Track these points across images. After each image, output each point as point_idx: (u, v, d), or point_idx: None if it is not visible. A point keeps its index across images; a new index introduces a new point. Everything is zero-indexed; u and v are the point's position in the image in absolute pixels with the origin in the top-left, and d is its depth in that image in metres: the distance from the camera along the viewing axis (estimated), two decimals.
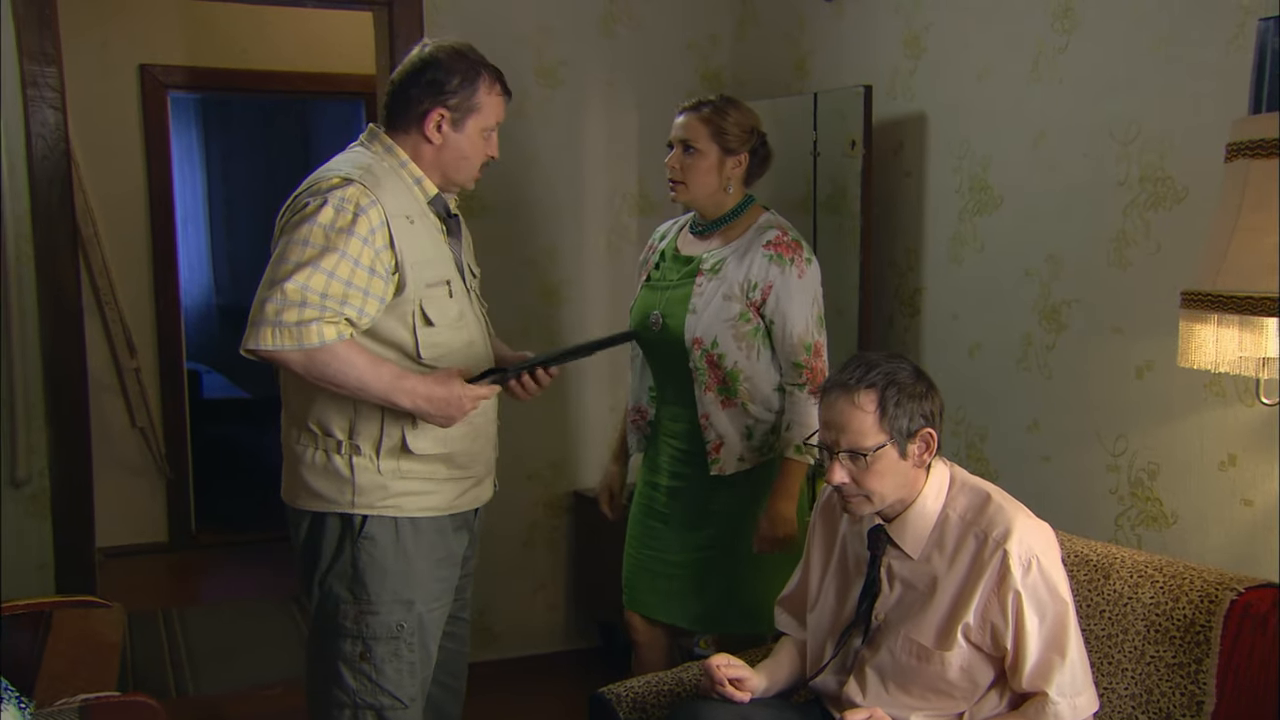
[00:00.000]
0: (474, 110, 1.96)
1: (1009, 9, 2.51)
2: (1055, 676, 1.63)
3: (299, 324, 1.78)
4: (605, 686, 2.03)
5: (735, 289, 2.25)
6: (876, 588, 1.74)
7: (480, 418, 2.02)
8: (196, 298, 6.56)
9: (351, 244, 1.82)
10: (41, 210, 2.86)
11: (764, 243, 2.26)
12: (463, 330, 2.00)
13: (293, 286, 1.79)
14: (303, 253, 1.81)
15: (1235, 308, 1.62)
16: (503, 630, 3.44)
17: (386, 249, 1.87)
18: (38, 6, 2.80)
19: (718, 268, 2.29)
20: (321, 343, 1.80)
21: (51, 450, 2.93)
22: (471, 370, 1.97)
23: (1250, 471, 2.00)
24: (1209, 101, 2.04)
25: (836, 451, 1.67)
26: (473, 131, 1.98)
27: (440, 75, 1.94)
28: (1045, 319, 2.45)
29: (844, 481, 1.67)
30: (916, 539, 1.71)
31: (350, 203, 1.84)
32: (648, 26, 3.43)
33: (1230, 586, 1.70)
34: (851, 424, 1.65)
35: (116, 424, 4.57)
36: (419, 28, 3.14)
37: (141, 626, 3.86)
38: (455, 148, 1.97)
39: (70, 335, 2.94)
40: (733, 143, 2.27)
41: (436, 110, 1.94)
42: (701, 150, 2.27)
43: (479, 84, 1.96)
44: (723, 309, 2.25)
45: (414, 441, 1.93)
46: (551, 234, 3.41)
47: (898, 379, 1.67)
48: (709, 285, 2.28)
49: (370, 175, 1.90)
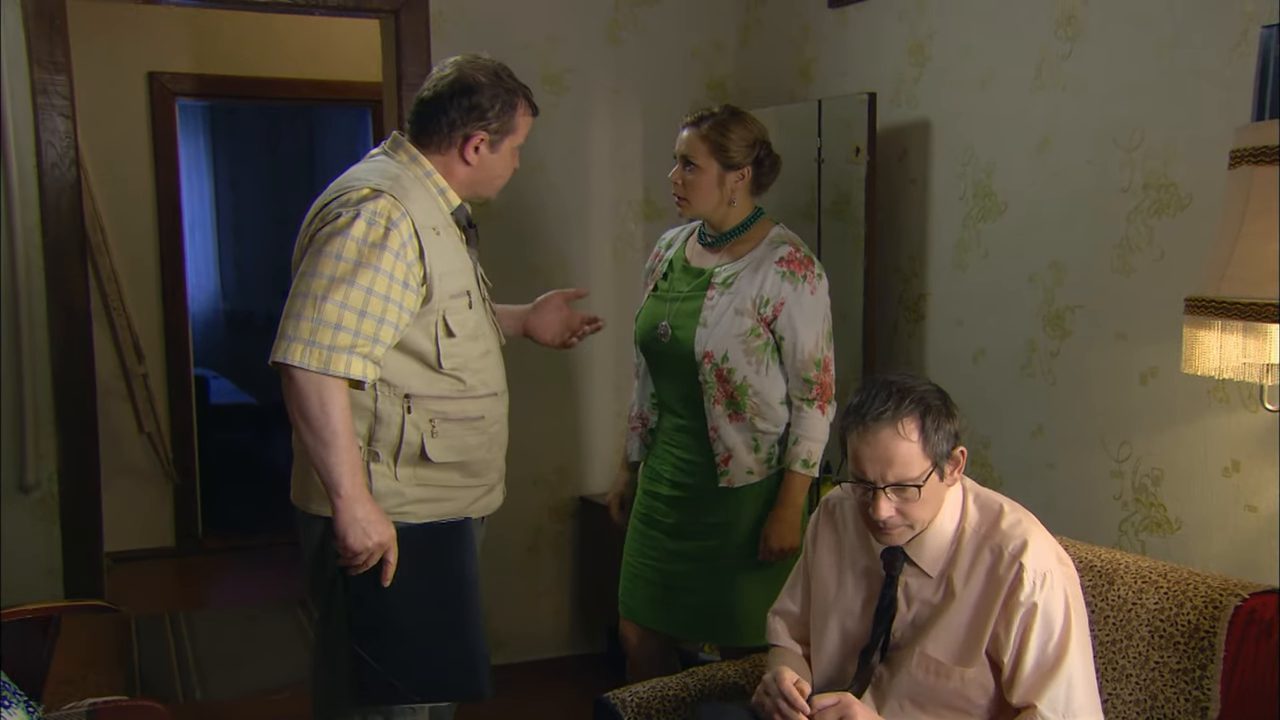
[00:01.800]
0: (510, 132, 2.00)
1: (1012, 17, 2.52)
2: (1049, 692, 1.58)
3: (331, 348, 1.79)
4: (610, 691, 2.04)
5: (748, 304, 2.26)
6: (894, 609, 1.71)
7: (495, 426, 2.05)
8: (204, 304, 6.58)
9: (385, 259, 1.83)
10: (51, 217, 2.88)
11: (777, 259, 2.27)
12: (480, 341, 2.02)
13: (331, 307, 1.79)
14: (336, 267, 1.81)
15: (1239, 314, 1.62)
16: (508, 635, 3.45)
17: (418, 261, 1.88)
18: (48, 15, 2.82)
19: (730, 281, 2.29)
20: (346, 374, 1.80)
21: (60, 456, 2.95)
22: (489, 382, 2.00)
23: (1254, 477, 2.00)
24: (1212, 108, 2.05)
25: (882, 486, 1.61)
26: (506, 151, 2.02)
27: (482, 101, 1.96)
28: (1049, 325, 2.45)
29: (891, 516, 1.62)
30: (935, 557, 1.68)
31: (382, 216, 1.84)
32: (653, 34, 3.44)
33: (1234, 592, 1.70)
34: (899, 456, 1.59)
35: (124, 430, 4.60)
36: (425, 36, 3.16)
37: (149, 631, 3.87)
38: (490, 168, 2.01)
39: (79, 341, 2.96)
40: (734, 158, 2.27)
41: (478, 134, 1.97)
42: (701, 166, 2.27)
43: (516, 107, 1.99)
44: (734, 323, 2.26)
45: (432, 449, 1.94)
46: (557, 241, 3.42)
47: (929, 402, 1.63)
48: (721, 299, 2.28)
49: (399, 186, 1.90)
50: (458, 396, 1.98)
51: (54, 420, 2.94)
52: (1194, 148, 2.09)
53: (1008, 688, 1.63)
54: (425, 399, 1.95)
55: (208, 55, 4.67)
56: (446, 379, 1.95)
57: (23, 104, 2.82)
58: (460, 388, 1.97)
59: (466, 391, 1.98)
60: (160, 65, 4.59)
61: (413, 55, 3.16)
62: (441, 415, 1.96)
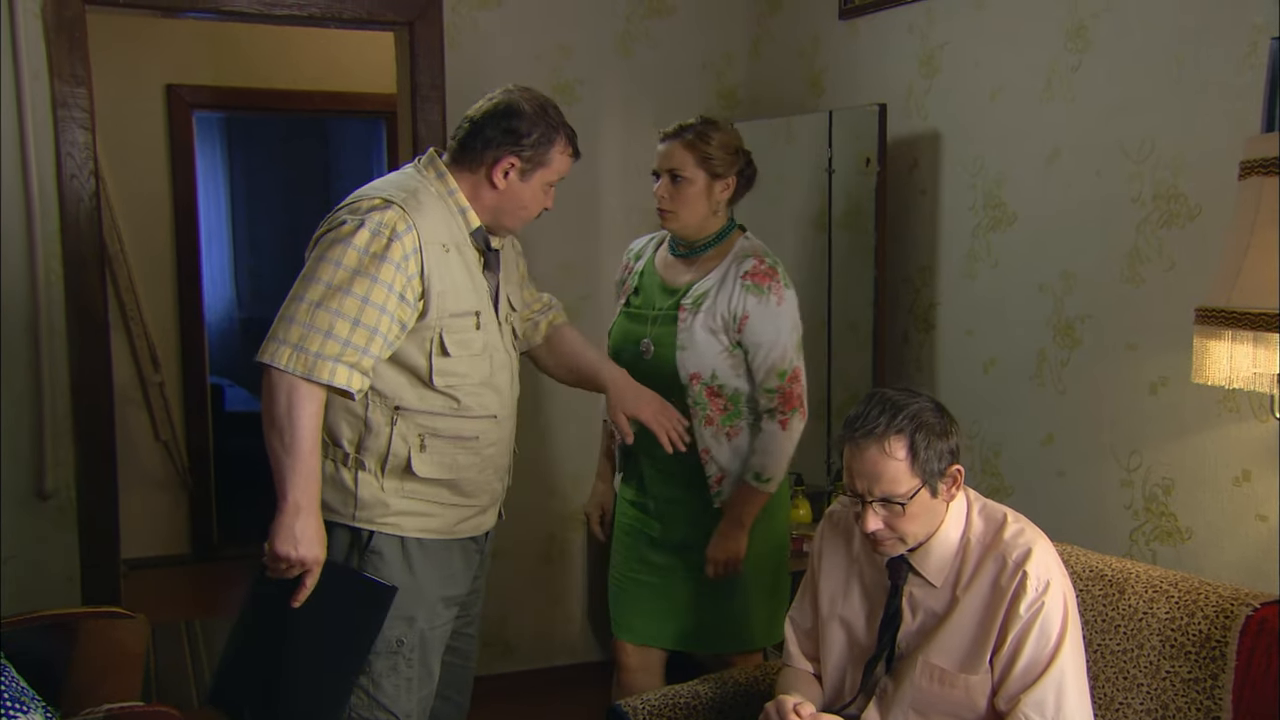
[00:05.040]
0: (544, 164, 1.97)
1: (1022, 29, 2.53)
2: (1035, 693, 1.58)
3: (318, 355, 1.79)
4: (622, 699, 2.05)
5: (719, 322, 2.22)
6: (899, 619, 1.72)
7: (491, 449, 2.02)
8: (219, 313, 6.63)
9: (384, 270, 1.83)
10: (70, 227, 2.91)
11: (742, 273, 2.22)
12: (484, 363, 1.99)
13: (324, 314, 1.79)
14: (335, 274, 1.82)
15: (1249, 324, 1.62)
16: (520, 643, 3.46)
17: (417, 276, 1.87)
18: (68, 29, 2.86)
19: (700, 301, 2.24)
20: (330, 382, 1.79)
21: (78, 464, 2.98)
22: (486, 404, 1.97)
23: (1265, 487, 2.00)
24: (1222, 120, 2.05)
25: (869, 500, 1.64)
26: (537, 184, 1.99)
27: (521, 125, 1.94)
28: (1059, 335, 2.45)
29: (878, 529, 1.65)
30: (939, 567, 1.69)
31: (386, 227, 1.84)
32: (664, 46, 3.47)
33: (1245, 602, 1.70)
34: (885, 473, 1.62)
35: (141, 438, 4.63)
36: (439, 48, 3.20)
37: (165, 637, 3.90)
38: (516, 196, 1.98)
39: (97, 350, 2.99)
40: (719, 167, 2.24)
41: (509, 158, 1.95)
42: (689, 178, 2.23)
43: (555, 142, 1.97)
44: (711, 343, 2.23)
45: (419, 464, 1.93)
46: (567, 250, 3.44)
47: (924, 420, 1.64)
48: (694, 320, 2.24)
49: (413, 199, 1.90)
50: (450, 414, 1.96)
51: (72, 428, 2.97)
52: (1203, 159, 2.10)
53: (996, 690, 1.63)
54: (415, 413, 1.94)
55: (225, 68, 4.72)
56: (439, 396, 1.94)
57: (43, 116, 2.86)
58: (454, 406, 1.95)
59: (461, 411, 1.96)
60: (178, 78, 4.64)
61: (426, 67, 3.19)
62: (431, 431, 1.95)
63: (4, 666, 1.97)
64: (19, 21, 2.80)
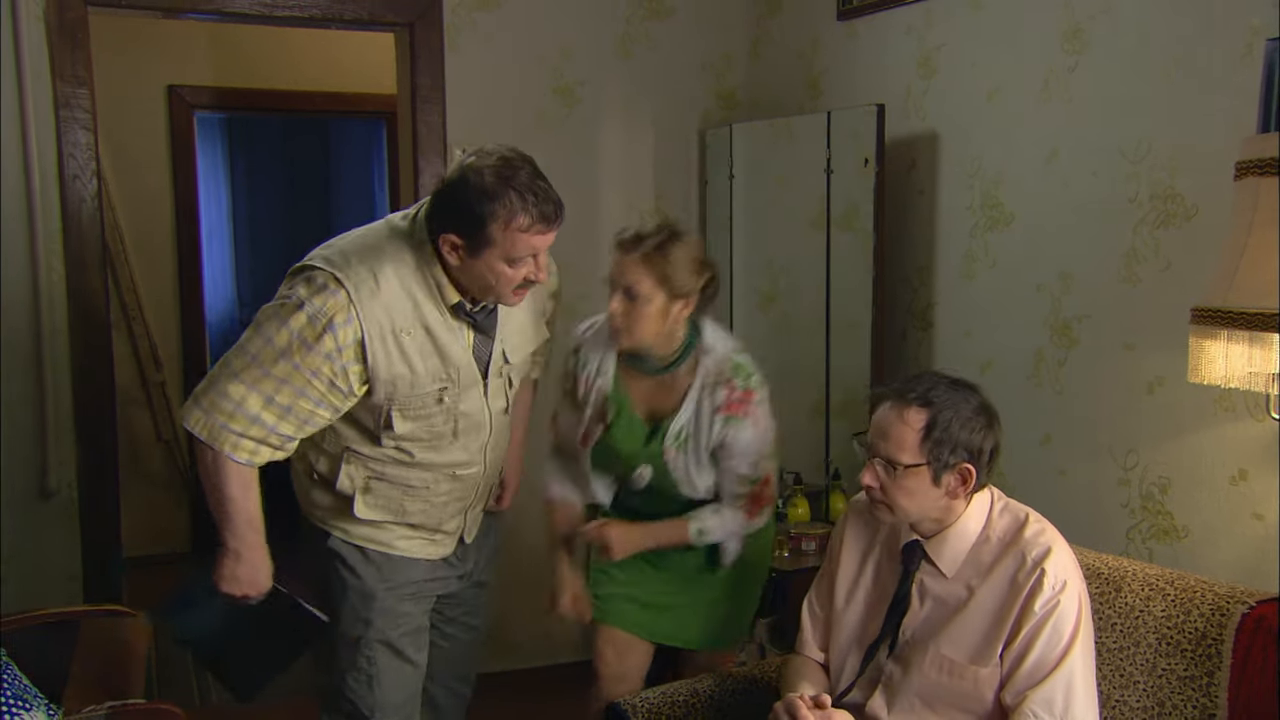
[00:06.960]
0: (489, 244, 1.77)
1: (1020, 30, 2.54)
2: (1043, 690, 1.59)
3: (224, 426, 1.78)
4: (621, 697, 2.06)
5: (704, 455, 2.12)
6: (906, 604, 1.74)
7: (443, 497, 2.00)
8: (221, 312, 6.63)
9: (310, 359, 1.76)
10: (72, 227, 2.92)
11: (715, 407, 2.07)
12: (445, 426, 1.92)
13: (238, 386, 1.76)
14: (262, 349, 1.77)
15: (1245, 324, 1.64)
16: (523, 640, 3.47)
17: (356, 363, 1.80)
18: (71, 30, 2.87)
19: (682, 440, 2.11)
20: (230, 455, 1.80)
21: (80, 463, 2.99)
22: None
23: (1260, 486, 2.01)
24: (1218, 120, 2.06)
25: (874, 455, 1.69)
26: (493, 260, 1.79)
27: (460, 203, 1.75)
28: (1057, 335, 2.46)
29: (872, 485, 1.69)
30: (954, 558, 1.71)
31: (324, 316, 1.76)
32: (664, 47, 3.48)
33: (1241, 600, 1.71)
34: (892, 434, 1.66)
35: (143, 437, 4.65)
36: (440, 49, 3.21)
37: (166, 635, 3.90)
38: (471, 273, 1.82)
39: (99, 350, 3.00)
40: (680, 286, 2.00)
41: (450, 235, 1.79)
42: (645, 295, 1.99)
43: (497, 219, 1.74)
44: (704, 471, 2.13)
45: (359, 506, 1.96)
46: (567, 251, 3.41)
47: (957, 410, 1.65)
48: (680, 459, 2.12)
49: (370, 281, 1.79)
50: (400, 464, 1.94)
51: (74, 428, 2.98)
52: (1200, 159, 2.11)
53: (1004, 684, 1.64)
54: (364, 457, 1.94)
55: (226, 69, 4.73)
56: (389, 449, 1.93)
57: (45, 116, 2.87)
58: (405, 459, 1.94)
59: (414, 463, 1.95)
60: (179, 78, 4.65)
61: (427, 68, 3.21)
62: (378, 475, 1.95)
63: (7, 664, 1.98)
64: (21, 23, 2.81)
